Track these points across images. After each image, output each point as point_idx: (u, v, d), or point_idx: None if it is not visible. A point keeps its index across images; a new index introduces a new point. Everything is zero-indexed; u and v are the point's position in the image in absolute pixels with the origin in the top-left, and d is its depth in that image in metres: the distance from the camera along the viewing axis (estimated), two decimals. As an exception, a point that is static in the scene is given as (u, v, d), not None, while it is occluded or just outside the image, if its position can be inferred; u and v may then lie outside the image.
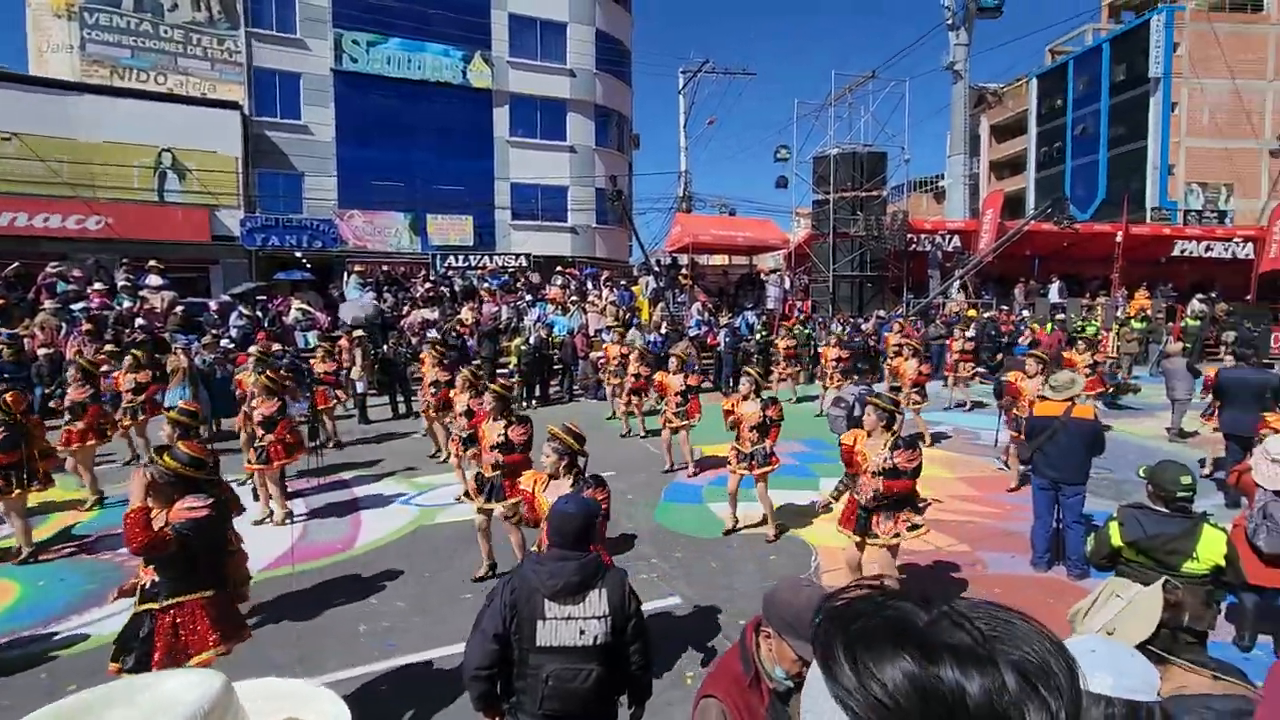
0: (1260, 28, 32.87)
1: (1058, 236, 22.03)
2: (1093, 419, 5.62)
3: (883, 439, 4.67)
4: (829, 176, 21.69)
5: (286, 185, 21.97)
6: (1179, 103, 32.19)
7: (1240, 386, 7.27)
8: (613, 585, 2.45)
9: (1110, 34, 36.07)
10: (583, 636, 2.35)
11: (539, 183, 24.84)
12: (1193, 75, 31.51)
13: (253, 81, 21.29)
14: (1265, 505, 4.12)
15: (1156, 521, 3.39)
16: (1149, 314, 19.49)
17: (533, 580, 2.39)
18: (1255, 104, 31.96)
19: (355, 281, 18.12)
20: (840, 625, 0.54)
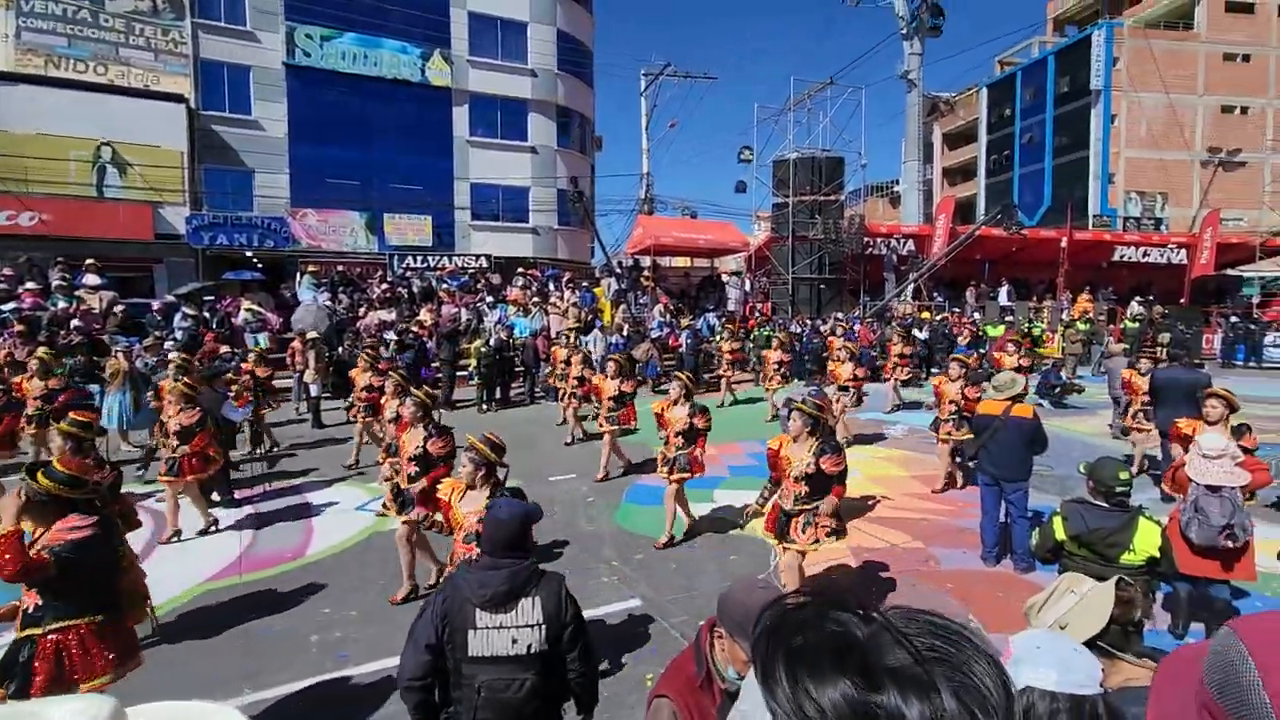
0: (1191, 45, 34.63)
1: (1006, 242, 22.79)
2: (1031, 417, 5.78)
3: (807, 444, 4.68)
4: (788, 180, 22.02)
5: (236, 182, 21.25)
6: (1118, 114, 33.68)
7: (1173, 386, 7.58)
8: (547, 593, 2.39)
9: (1055, 47, 37.53)
10: (515, 645, 2.30)
11: (500, 183, 24.59)
12: (1131, 89, 33.01)
13: (199, 74, 20.55)
14: (1197, 499, 4.31)
15: (1097, 516, 3.50)
16: (1091, 316, 20.31)
17: (463, 589, 2.34)
18: (1187, 117, 33.64)
19: (309, 282, 17.62)
20: (781, 639, 0.53)
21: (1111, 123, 33.62)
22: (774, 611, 0.57)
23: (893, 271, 23.33)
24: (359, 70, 22.58)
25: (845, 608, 0.55)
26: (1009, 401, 5.86)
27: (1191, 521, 4.29)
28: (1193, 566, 4.34)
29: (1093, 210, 32.03)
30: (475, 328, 16.64)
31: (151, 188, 19.07)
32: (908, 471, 8.83)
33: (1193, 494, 4.36)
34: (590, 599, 5.24)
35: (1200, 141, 33.47)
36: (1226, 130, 34.12)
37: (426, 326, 15.25)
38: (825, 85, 23.96)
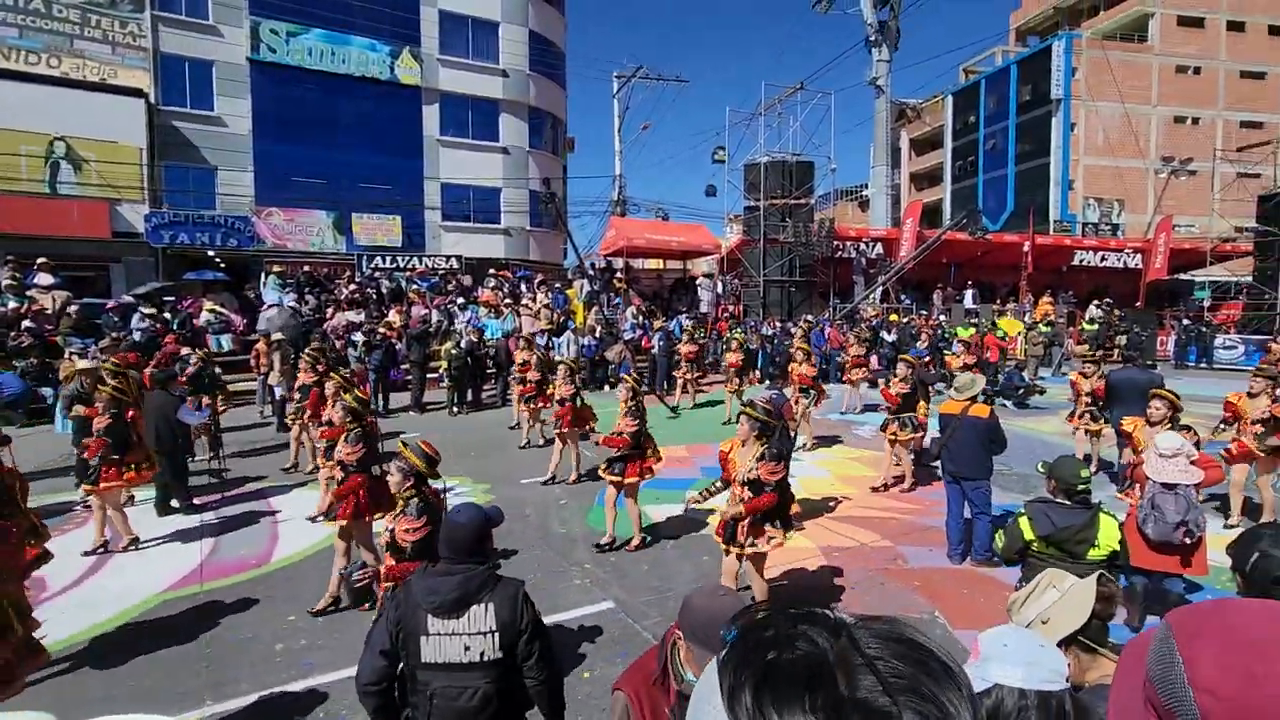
0: (1145, 57, 35.89)
1: (971, 246, 23.33)
2: (987, 417, 5.90)
3: (754, 449, 4.60)
4: (759, 184, 22.22)
5: (198, 179, 20.70)
6: (1077, 123, 34.72)
7: (1129, 386, 7.83)
8: (502, 599, 2.34)
9: (1017, 57, 38.54)
10: (468, 653, 2.27)
11: (471, 183, 24.37)
12: (1089, 98, 34.08)
13: (159, 68, 19.98)
14: (1153, 496, 4.46)
15: (1062, 514, 3.57)
16: (1053, 319, 20.87)
17: (416, 595, 2.31)
18: (1142, 127, 34.84)
19: (274, 282, 17.26)
20: (750, 659, 0.52)
21: (1071, 131, 34.65)
22: (743, 626, 0.56)
23: (862, 274, 23.69)
24: (326, 67, 22.18)
25: (814, 620, 0.54)
26: (968, 402, 6.00)
27: (1148, 518, 4.44)
28: (1149, 561, 4.50)
29: (1054, 216, 32.96)
30: (446, 329, 16.45)
31: (109, 185, 18.49)
32: (877, 471, 8.96)
33: (1149, 491, 4.50)
34: (562, 601, 5.22)
35: (1154, 150, 34.67)
36: (1178, 140, 35.41)
37: (395, 328, 15.04)
38: (795, 90, 24.24)
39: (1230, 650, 0.62)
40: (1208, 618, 0.67)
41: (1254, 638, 0.62)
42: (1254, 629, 0.63)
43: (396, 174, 23.28)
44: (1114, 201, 34.44)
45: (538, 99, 25.91)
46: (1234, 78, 37.01)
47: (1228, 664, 0.62)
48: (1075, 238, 28.05)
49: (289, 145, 21.59)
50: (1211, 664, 0.62)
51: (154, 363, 10.19)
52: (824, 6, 26.01)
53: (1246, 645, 0.62)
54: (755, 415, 4.64)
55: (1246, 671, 0.60)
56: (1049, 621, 1.96)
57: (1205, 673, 0.62)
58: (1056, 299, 23.10)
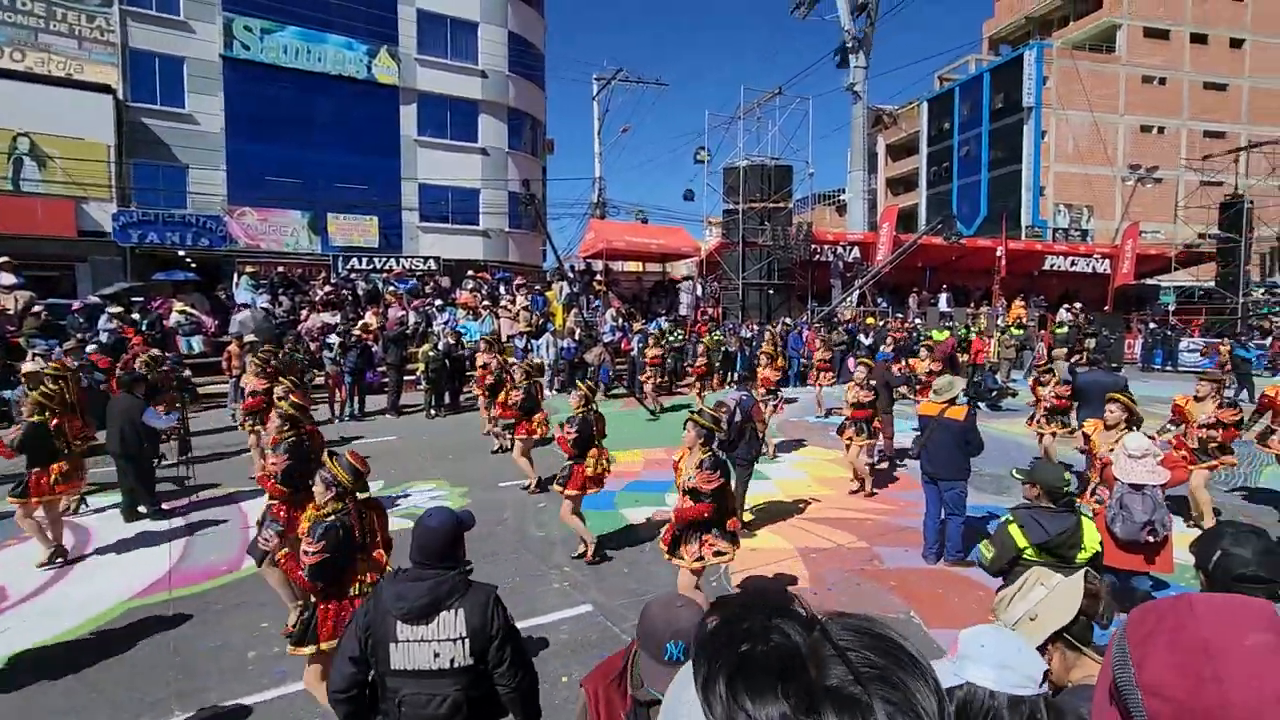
0: (1113, 67, 36.78)
1: (946, 250, 23.70)
2: (962, 419, 5.98)
3: (698, 456, 4.49)
4: (738, 187, 22.35)
5: (168, 178, 20.29)
6: (1048, 131, 35.44)
7: (1095, 388, 8.08)
8: (472, 605, 2.31)
9: (990, 65, 39.23)
10: (437, 659, 2.24)
11: (449, 184, 24.18)
12: (1059, 107, 34.82)
13: (128, 63, 19.56)
14: (1121, 497, 4.58)
15: (1052, 520, 3.52)
16: (1024, 322, 21.27)
17: (385, 601, 2.29)
18: (1110, 135, 35.68)
19: (247, 283, 16.98)
20: (725, 650, 0.52)
21: (1042, 138, 35.34)
22: (720, 617, 0.57)
23: (839, 278, 23.94)
24: (302, 65, 21.88)
25: (789, 615, 0.55)
26: (946, 403, 6.09)
27: (1116, 518, 4.56)
28: (1117, 560, 4.62)
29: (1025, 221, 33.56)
30: (424, 331, 16.30)
31: (75, 182, 18.05)
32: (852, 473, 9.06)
33: (1118, 491, 4.62)
34: (540, 605, 5.19)
35: (1122, 158, 35.52)
36: (1145, 148, 36.34)
37: (372, 330, 14.86)
38: (774, 95, 24.44)
39: (1178, 652, 0.62)
40: (1160, 618, 0.66)
41: (1202, 639, 0.61)
42: (1203, 630, 0.62)
43: (373, 174, 23.02)
44: (1083, 208, 35.21)
45: (517, 100, 25.81)
46: (1197, 88, 38.08)
47: (1176, 666, 0.61)
48: (1046, 243, 28.66)
49: (263, 144, 21.25)
50: (1160, 666, 0.62)
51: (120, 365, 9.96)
52: (803, 12, 26.29)
53: (1195, 648, 0.61)
54: (701, 422, 4.55)
55: (1194, 674, 0.60)
56: (1037, 618, 1.98)
57: (1154, 674, 0.62)
58: (1028, 303, 23.55)
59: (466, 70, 24.44)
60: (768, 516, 7.32)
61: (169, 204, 19.85)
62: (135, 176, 19.76)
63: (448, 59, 24.16)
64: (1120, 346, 21.05)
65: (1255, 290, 26.48)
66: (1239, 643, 0.60)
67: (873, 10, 24.96)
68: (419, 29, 23.63)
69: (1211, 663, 0.60)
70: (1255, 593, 1.89)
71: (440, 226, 24.16)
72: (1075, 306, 23.47)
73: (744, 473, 6.78)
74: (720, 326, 19.60)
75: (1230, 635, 0.61)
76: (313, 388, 13.09)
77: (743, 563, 6.07)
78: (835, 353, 17.08)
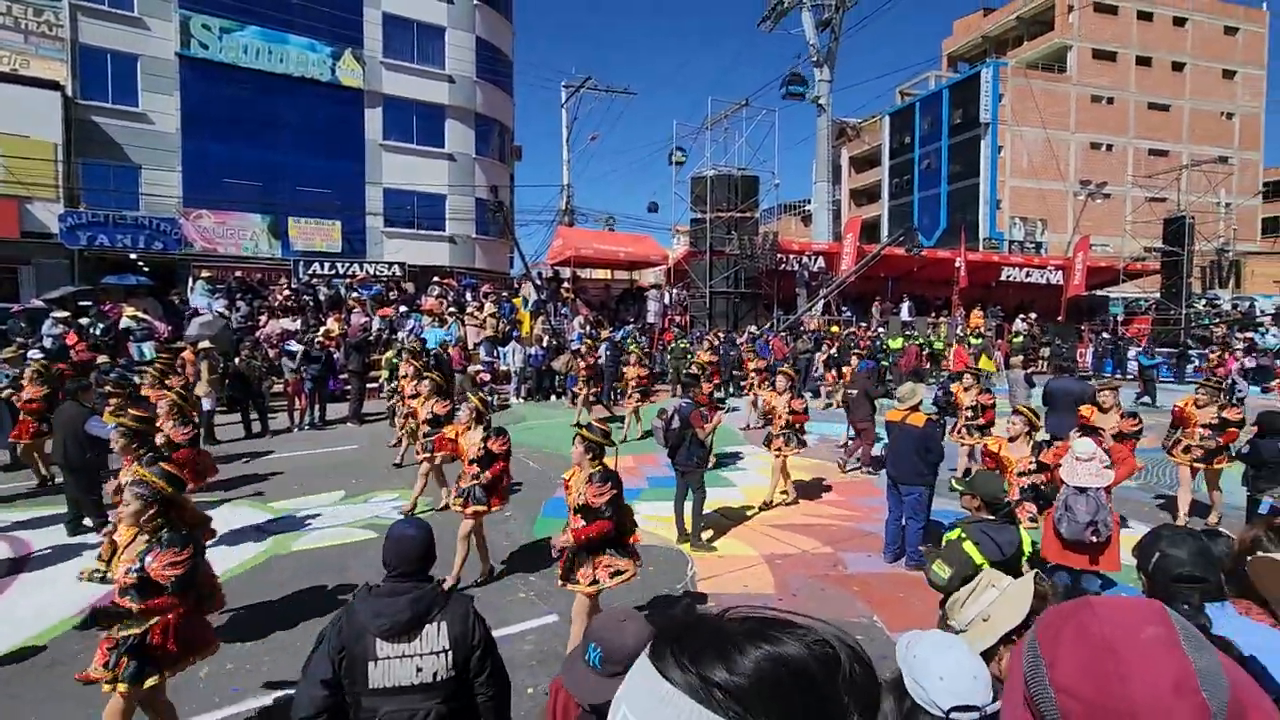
0: (1064, 86, 38.24)
1: (908, 261, 24.23)
2: (922, 425, 6.11)
3: (587, 471, 4.31)
4: (706, 196, 22.55)
5: (120, 178, 19.60)
6: (1004, 146, 36.65)
7: (1063, 394, 8.40)
8: (454, 617, 2.30)
9: (949, 81, 40.45)
10: (420, 674, 2.21)
11: (415, 189, 23.88)
12: (1015, 123, 36.03)
13: (78, 60, 18.89)
14: (1067, 498, 4.79)
15: (1000, 532, 3.46)
16: (982, 331, 21.85)
17: (361, 619, 2.22)
18: (1062, 152, 37.04)
19: (203, 288, 16.50)
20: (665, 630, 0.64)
21: (998, 153, 36.54)
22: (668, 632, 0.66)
23: (805, 287, 24.29)
24: (263, 66, 21.41)
25: None
26: (908, 410, 6.23)
27: (1062, 518, 4.78)
28: (1064, 558, 4.84)
29: (983, 233, 34.59)
30: (387, 338, 16.03)
31: (18, 181, 17.32)
32: (820, 477, 9.18)
33: (1064, 493, 4.84)
34: (506, 616, 5.13)
35: (1073, 174, 36.88)
36: (1095, 164, 37.81)
37: (334, 336, 14.56)
38: (741, 106, 24.76)
39: (1083, 650, 0.63)
40: (1068, 618, 0.68)
41: (1104, 637, 0.63)
42: (1104, 628, 0.64)
43: (336, 177, 22.61)
44: (1038, 221, 36.41)
45: (485, 106, 25.66)
46: (1142, 108, 39.83)
47: (1082, 665, 0.63)
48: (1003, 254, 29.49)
49: (221, 145, 20.70)
50: (1069, 665, 0.64)
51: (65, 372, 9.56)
52: (769, 26, 26.74)
53: (1098, 645, 0.63)
54: (589, 437, 4.36)
55: (1099, 671, 0.62)
56: (990, 619, 2.03)
57: (1064, 673, 0.64)
58: (986, 312, 24.21)
59: (433, 75, 24.22)
60: (733, 523, 7.36)
61: (120, 205, 19.19)
62: (85, 176, 19.05)
63: (414, 63, 23.92)
64: (1073, 355, 21.78)
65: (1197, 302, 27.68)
66: (1136, 637, 0.63)
67: (836, 26, 25.50)
68: (385, 32, 23.35)
69: (1114, 659, 0.62)
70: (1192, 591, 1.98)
71: (405, 232, 23.82)
72: (1030, 316, 24.22)
73: (691, 479, 6.68)
74: (687, 334, 19.70)
75: (1128, 631, 0.63)
76: (271, 395, 12.77)
77: (709, 570, 6.10)
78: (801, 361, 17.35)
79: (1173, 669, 0.61)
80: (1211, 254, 31.75)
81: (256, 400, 12.04)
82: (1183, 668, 0.61)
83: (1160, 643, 0.62)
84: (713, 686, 0.57)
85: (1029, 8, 40.40)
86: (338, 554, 6.41)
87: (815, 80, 26.50)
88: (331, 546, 6.60)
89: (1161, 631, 0.63)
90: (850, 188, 50.21)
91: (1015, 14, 41.57)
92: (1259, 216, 42.67)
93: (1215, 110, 41.42)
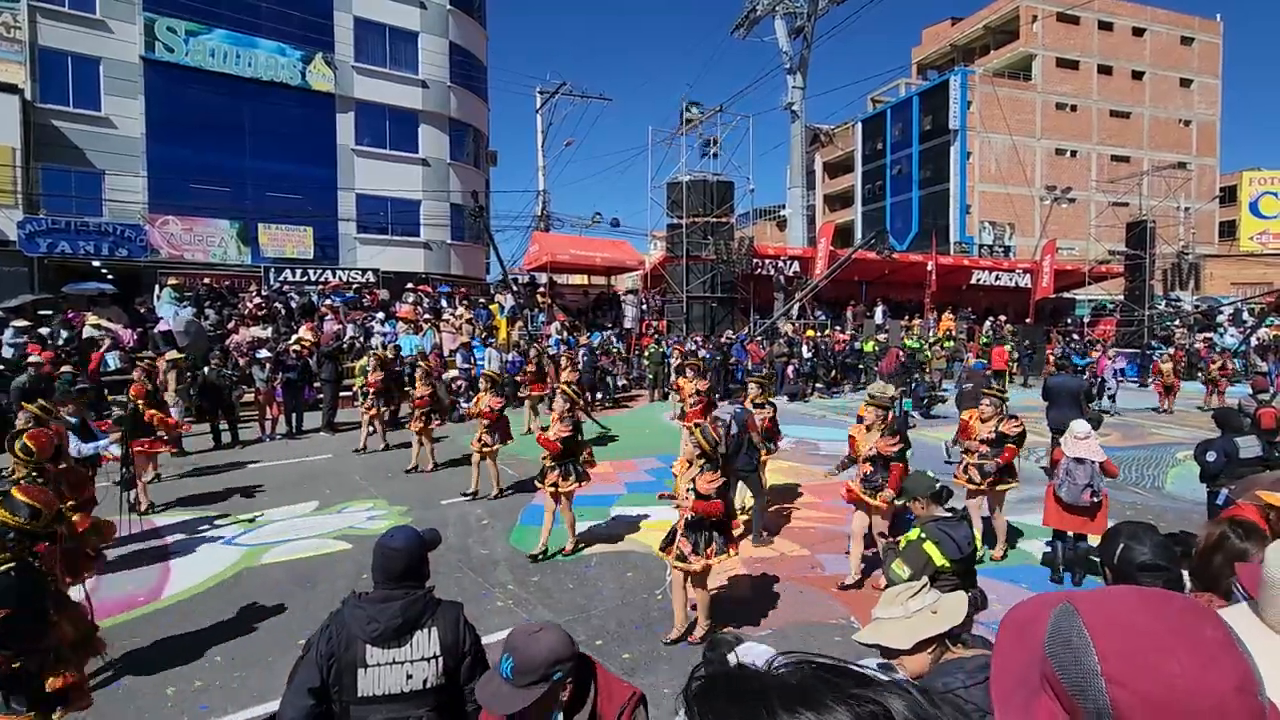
0: (1029, 94, 39.17)
1: (880, 264, 24.60)
2: None
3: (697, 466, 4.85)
4: (681, 202, 22.66)
5: (81, 184, 19.12)
6: (973, 152, 37.40)
7: (1062, 389, 8.87)
8: (445, 623, 2.30)
9: (919, 89, 41.19)
10: (410, 681, 2.19)
11: (388, 195, 23.64)
12: (983, 129, 36.79)
13: (37, 62, 18.39)
14: (1067, 467, 5.59)
15: (955, 528, 3.54)
16: (954, 334, 22.24)
17: (352, 626, 2.20)
18: (1028, 158, 37.91)
19: (169, 295, 16.11)
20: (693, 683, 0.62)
21: (968, 159, 37.27)
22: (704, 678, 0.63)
23: (781, 291, 24.51)
24: (230, 70, 21.05)
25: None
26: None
27: (1063, 484, 5.56)
28: (1062, 523, 5.70)
29: (954, 237, 35.24)
30: (360, 346, 15.81)
31: (-26, 187, 16.79)
32: (795, 481, 9.24)
33: (1064, 465, 5.64)
34: (484, 625, 5.05)
35: (1039, 179, 37.77)
36: (1060, 170, 38.76)
37: (308, 344, 14.31)
38: (716, 112, 24.96)
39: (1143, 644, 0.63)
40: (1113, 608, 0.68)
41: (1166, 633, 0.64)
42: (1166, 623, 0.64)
43: (308, 183, 22.28)
44: (1006, 225, 37.21)
45: (459, 111, 25.52)
46: (1105, 115, 40.94)
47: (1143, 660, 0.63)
48: (973, 258, 30.11)
49: (188, 150, 20.28)
50: (1126, 659, 0.63)
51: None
52: (742, 33, 27.00)
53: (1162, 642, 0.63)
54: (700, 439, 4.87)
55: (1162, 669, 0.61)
56: (939, 613, 2.06)
57: (1118, 667, 0.63)
58: (957, 315, 24.65)
59: (406, 80, 24.03)
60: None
61: (83, 211, 18.71)
62: (45, 182, 18.53)
63: (387, 68, 23.71)
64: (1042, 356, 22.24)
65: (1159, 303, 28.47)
66: (1200, 636, 0.63)
67: (808, 34, 25.84)
68: (356, 37, 23.12)
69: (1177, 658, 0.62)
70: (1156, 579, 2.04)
71: (379, 238, 23.56)
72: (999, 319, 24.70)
73: (750, 482, 7.03)
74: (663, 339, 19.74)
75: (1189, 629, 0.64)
76: (241, 405, 12.51)
77: (688, 574, 6.10)
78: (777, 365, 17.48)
79: (1236, 671, 0.62)
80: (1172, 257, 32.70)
81: (227, 410, 11.79)
82: (1244, 669, 0.62)
83: (1221, 644, 0.63)
84: None
85: (995, 17, 41.34)
86: (310, 566, 6.29)
87: (789, 87, 26.81)
88: (304, 558, 6.48)
89: (1221, 634, 0.64)
90: (824, 193, 50.82)
91: (982, 23, 42.50)
92: (1216, 220, 44.06)
93: (1174, 117, 42.72)
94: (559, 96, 28.24)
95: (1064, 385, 8.97)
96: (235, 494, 8.67)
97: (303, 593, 5.69)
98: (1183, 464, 9.83)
